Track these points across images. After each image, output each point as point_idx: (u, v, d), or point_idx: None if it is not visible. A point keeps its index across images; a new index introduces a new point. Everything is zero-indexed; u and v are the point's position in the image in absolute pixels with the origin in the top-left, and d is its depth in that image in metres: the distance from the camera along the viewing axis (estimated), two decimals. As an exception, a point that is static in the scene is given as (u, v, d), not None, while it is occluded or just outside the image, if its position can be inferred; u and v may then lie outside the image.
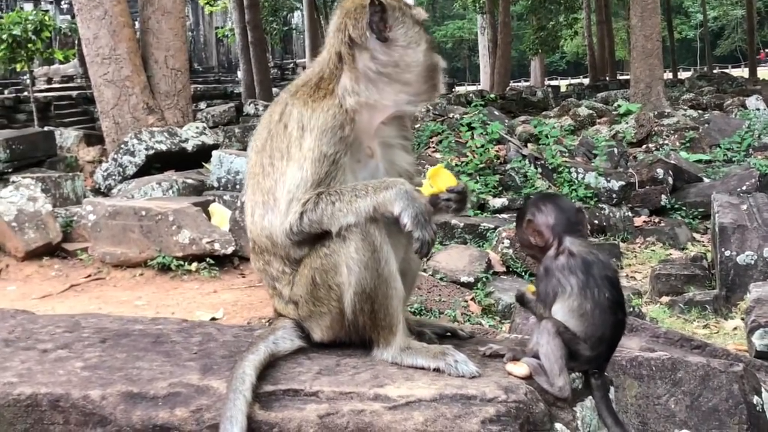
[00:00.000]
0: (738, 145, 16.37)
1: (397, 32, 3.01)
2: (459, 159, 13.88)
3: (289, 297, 3.02)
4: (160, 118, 16.18)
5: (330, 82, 3.03)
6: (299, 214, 2.89)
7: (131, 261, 9.39)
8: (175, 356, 2.90)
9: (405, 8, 3.06)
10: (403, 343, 2.91)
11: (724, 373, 3.96)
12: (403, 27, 3.02)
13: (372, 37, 2.99)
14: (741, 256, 9.35)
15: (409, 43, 3.02)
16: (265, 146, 3.06)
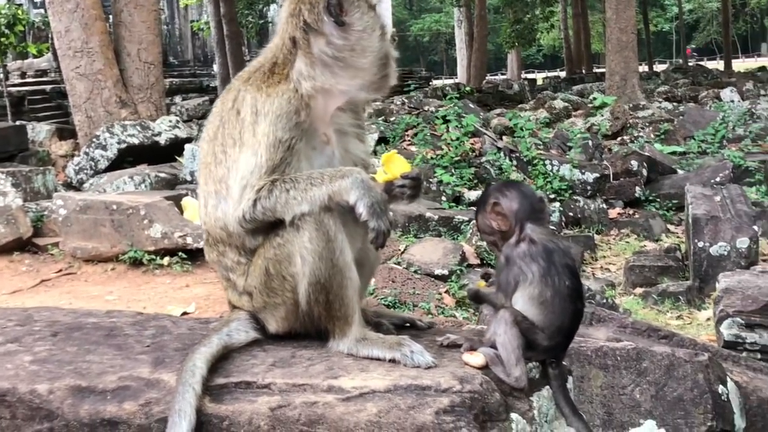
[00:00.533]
0: (712, 137, 16.43)
1: (353, 17, 2.97)
2: (434, 152, 13.86)
3: (244, 288, 2.97)
4: (133, 111, 16.06)
5: (284, 68, 2.99)
6: (253, 201, 2.84)
7: (102, 255, 9.33)
8: (127, 349, 2.85)
9: None
10: (358, 333, 2.87)
11: (689, 362, 3.95)
12: (358, 11, 2.98)
13: (329, 22, 2.95)
14: (714, 247, 9.39)
15: (365, 28, 2.98)
16: (216, 134, 3.00)
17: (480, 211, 3.02)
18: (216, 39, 31.97)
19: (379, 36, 3.01)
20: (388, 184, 2.99)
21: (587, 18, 50.22)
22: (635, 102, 21.11)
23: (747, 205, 10.46)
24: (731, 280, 5.69)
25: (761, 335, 5.37)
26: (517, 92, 31.05)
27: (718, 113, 18.38)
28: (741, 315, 5.37)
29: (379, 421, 2.41)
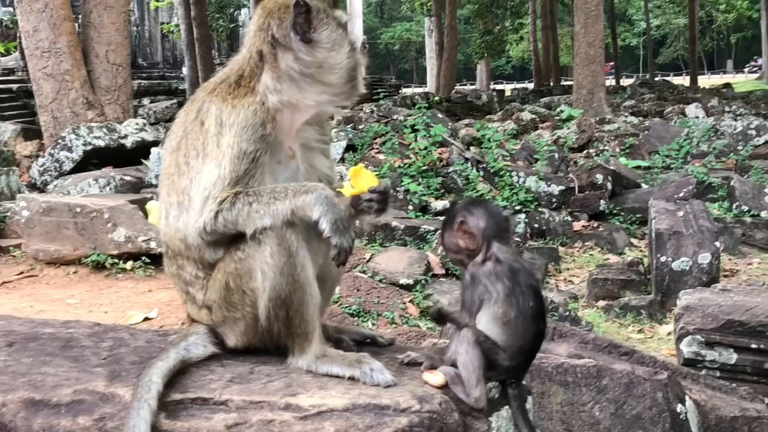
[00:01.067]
0: (676, 153, 16.55)
1: (321, 34, 2.96)
2: (402, 161, 13.87)
3: (203, 302, 2.94)
4: (100, 113, 15.94)
5: (251, 80, 2.97)
6: (214, 213, 2.82)
7: (65, 258, 9.24)
8: (83, 362, 2.81)
9: (329, 10, 3.02)
10: (318, 350, 2.86)
11: (648, 381, 3.97)
12: (327, 28, 2.97)
13: (296, 38, 2.94)
14: (676, 262, 9.45)
15: (333, 45, 2.97)
16: (179, 145, 2.98)
17: (446, 229, 3.00)
18: (186, 42, 31.83)
19: (347, 52, 3.00)
20: (355, 198, 2.98)
21: (556, 31, 50.62)
22: (602, 116, 21.25)
23: (709, 221, 10.54)
24: (692, 297, 5.73)
25: (721, 353, 5.41)
26: (486, 103, 31.17)
27: (683, 129, 18.55)
28: (701, 333, 5.41)
29: (336, 441, 2.40)
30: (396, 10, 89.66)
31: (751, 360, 5.42)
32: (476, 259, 2.91)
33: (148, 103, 28.00)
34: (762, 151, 16.99)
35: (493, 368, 2.79)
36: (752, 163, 15.61)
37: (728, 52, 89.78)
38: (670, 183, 14.11)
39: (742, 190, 13.37)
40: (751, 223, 12.36)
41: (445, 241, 3.03)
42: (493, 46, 47.54)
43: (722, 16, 75.22)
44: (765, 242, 12.10)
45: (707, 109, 24.21)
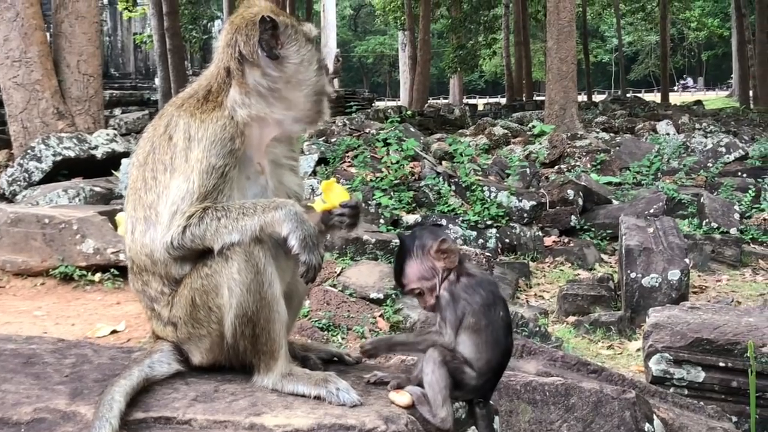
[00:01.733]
0: (647, 169, 16.67)
1: (289, 50, 2.96)
2: (374, 174, 13.85)
3: (168, 318, 2.91)
4: (71, 123, 15.81)
5: (219, 95, 2.95)
6: (182, 228, 2.79)
7: (33, 270, 9.14)
8: (45, 379, 2.76)
9: (297, 25, 3.00)
10: (284, 369, 2.83)
11: (616, 399, 3.97)
12: (295, 44, 2.96)
13: (262, 55, 2.93)
14: (646, 278, 9.50)
15: (300, 61, 2.97)
16: (147, 160, 2.95)
17: (416, 257, 2.93)
18: (158, 52, 31.75)
19: (315, 69, 2.99)
20: (326, 213, 2.96)
21: (529, 46, 50.88)
22: (573, 131, 21.36)
23: (679, 237, 10.61)
24: (661, 315, 5.74)
25: (689, 371, 5.42)
26: (458, 117, 31.25)
27: (654, 145, 18.70)
28: (669, 351, 5.42)
29: (300, 461, 2.37)
30: (370, 23, 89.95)
31: (719, 378, 5.43)
32: (450, 278, 2.90)
33: (120, 113, 27.89)
34: (732, 169, 17.15)
35: (460, 388, 2.77)
36: (722, 180, 15.75)
37: (699, 69, 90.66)
38: (640, 199, 14.20)
39: (711, 207, 13.49)
40: (721, 240, 12.46)
41: (412, 273, 2.94)
42: (466, 61, 47.74)
43: (693, 33, 76.04)
44: (734, 259, 12.19)
45: (678, 125, 24.40)
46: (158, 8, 30.99)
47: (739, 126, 27.58)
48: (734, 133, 23.98)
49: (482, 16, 48.90)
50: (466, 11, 48.50)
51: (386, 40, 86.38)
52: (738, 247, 12.36)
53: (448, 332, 2.83)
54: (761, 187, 15.42)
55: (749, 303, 10.01)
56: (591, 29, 70.49)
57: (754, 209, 14.39)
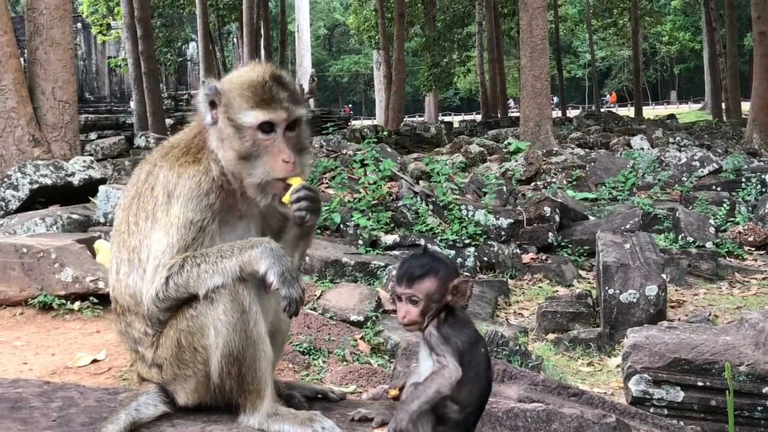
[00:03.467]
0: (622, 184, 16.78)
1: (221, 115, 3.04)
2: (352, 195, 13.89)
3: (153, 360, 2.94)
4: (47, 150, 15.78)
5: (198, 150, 3.00)
6: (165, 279, 2.83)
7: (11, 300, 9.09)
8: (33, 424, 2.77)
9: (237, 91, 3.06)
10: (270, 408, 2.86)
11: (597, 424, 4.01)
12: (227, 112, 3.03)
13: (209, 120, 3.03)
14: (624, 294, 9.57)
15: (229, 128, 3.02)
16: (131, 204, 3.00)
17: (436, 276, 2.90)
18: (133, 76, 31.72)
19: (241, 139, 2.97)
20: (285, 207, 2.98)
21: (503, 63, 51.17)
22: (548, 148, 21.47)
23: (655, 252, 10.70)
24: (639, 335, 5.80)
25: (668, 391, 5.48)
26: (434, 135, 31.37)
27: (629, 161, 18.82)
28: (648, 371, 5.48)
29: (288, 503, 2.39)
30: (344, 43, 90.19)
31: (698, 398, 5.50)
32: (441, 316, 2.90)
33: (95, 138, 27.76)
34: (706, 182, 17.30)
35: (443, 423, 2.80)
36: (697, 194, 15.89)
37: (672, 83, 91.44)
38: (616, 215, 14.30)
39: (687, 222, 13.61)
40: (697, 254, 12.56)
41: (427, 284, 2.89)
42: (440, 79, 47.97)
43: (665, 48, 76.72)
44: (710, 273, 12.30)
45: (652, 140, 24.57)
46: (132, 31, 30.96)
47: (713, 139, 27.81)
48: (708, 146, 24.19)
49: (456, 34, 49.19)
50: (439, 29, 48.76)
51: (361, 59, 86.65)
52: (714, 260, 12.48)
53: (451, 361, 2.80)
54: (735, 200, 15.58)
55: (726, 316, 10.11)
56: (564, 45, 70.97)
57: (729, 222, 14.53)
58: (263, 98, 2.93)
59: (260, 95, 2.93)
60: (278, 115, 2.92)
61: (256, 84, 2.95)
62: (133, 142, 25.72)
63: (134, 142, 25.66)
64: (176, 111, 37.99)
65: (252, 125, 2.92)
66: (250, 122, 2.92)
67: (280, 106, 2.93)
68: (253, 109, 2.92)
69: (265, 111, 2.92)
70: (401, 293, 2.87)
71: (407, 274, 2.90)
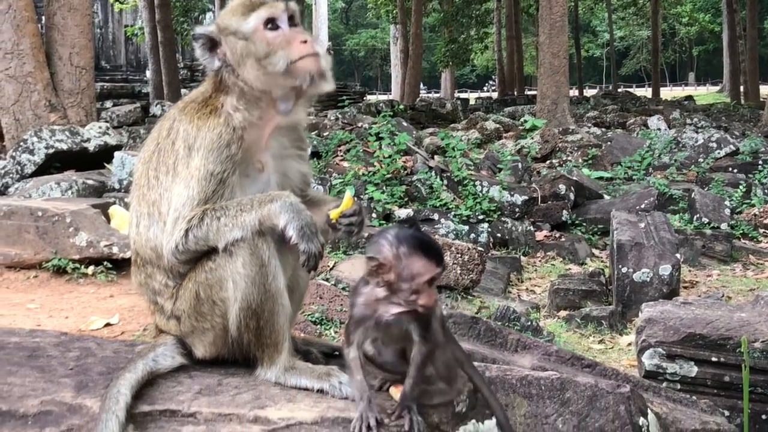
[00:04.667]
0: (638, 164, 16.70)
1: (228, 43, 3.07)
2: (366, 168, 13.87)
3: (171, 312, 2.93)
4: (63, 116, 15.80)
5: (216, 100, 2.99)
6: (184, 232, 2.83)
7: (25, 262, 9.14)
8: (50, 372, 2.78)
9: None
10: (287, 362, 2.86)
11: (611, 394, 3.99)
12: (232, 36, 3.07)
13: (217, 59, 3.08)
14: (637, 273, 9.54)
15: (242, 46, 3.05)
16: (151, 158, 2.99)
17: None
18: (150, 45, 31.65)
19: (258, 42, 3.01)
20: (332, 222, 3.01)
21: (521, 41, 50.90)
22: (565, 126, 21.39)
23: (670, 232, 10.66)
24: (654, 310, 5.78)
25: (681, 366, 5.46)
26: (450, 111, 31.24)
27: (645, 141, 18.74)
28: (662, 345, 5.45)
29: (304, 454, 2.40)
30: (362, 17, 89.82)
31: (711, 373, 5.47)
32: None
33: (111, 106, 27.77)
34: (722, 164, 17.20)
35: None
36: (713, 176, 15.79)
37: (690, 65, 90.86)
38: (631, 194, 14.24)
39: (702, 203, 13.54)
40: (711, 235, 12.50)
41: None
42: (457, 55, 47.72)
43: (685, 29, 76.14)
44: (724, 254, 12.25)
45: (669, 120, 24.45)
46: (150, 0, 30.89)
47: (730, 121, 27.65)
48: (725, 128, 24.04)
49: (474, 10, 48.85)
50: (458, 5, 48.44)
51: (378, 33, 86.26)
52: (728, 242, 12.42)
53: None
54: (752, 182, 15.49)
55: (739, 298, 10.07)
56: (583, 24, 70.62)
57: (745, 204, 14.46)
58: (255, 2, 3.02)
59: (252, 1, 3.04)
60: (276, 8, 3.00)
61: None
62: (149, 110, 25.72)
63: (150, 110, 25.66)
64: (192, 81, 37.89)
65: (257, 26, 2.98)
66: (254, 24, 2.98)
67: (274, 2, 3.02)
68: (251, 13, 3.00)
69: (262, 9, 3.00)
70: (437, 274, 2.70)
71: (437, 252, 2.73)
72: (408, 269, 2.58)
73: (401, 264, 2.58)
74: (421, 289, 2.61)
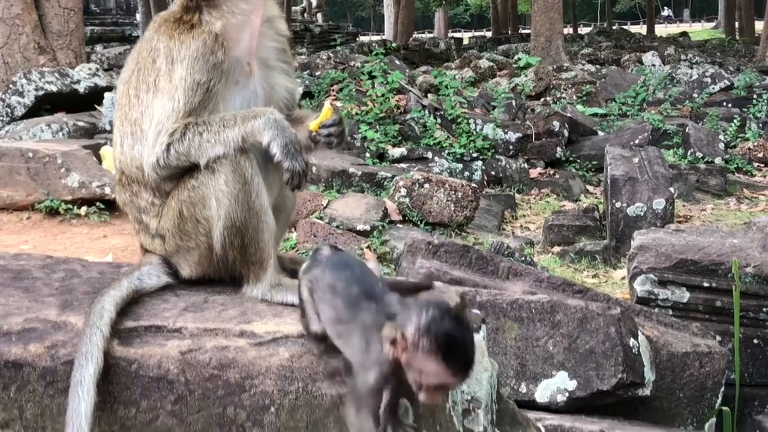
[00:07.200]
0: (633, 100, 16.65)
1: None
2: (359, 107, 13.78)
3: (156, 231, 2.91)
4: (52, 58, 15.66)
5: (193, 14, 2.92)
6: (166, 146, 2.79)
7: (18, 204, 9.15)
8: (35, 292, 2.76)
9: None
10: (273, 279, 2.84)
11: (601, 315, 4.02)
12: None
13: None
14: (631, 207, 9.56)
15: None
16: (131, 78, 2.93)
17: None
18: (139, -13, 31.31)
19: None
20: (311, 133, 2.97)
21: (514, -22, 50.40)
22: (559, 63, 21.27)
23: (664, 167, 10.65)
24: (646, 237, 5.78)
25: (673, 292, 5.47)
26: (444, 51, 30.98)
27: (640, 77, 18.66)
28: (654, 272, 5.46)
29: (291, 366, 2.40)
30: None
31: (703, 298, 5.49)
32: None
33: (101, 49, 27.50)
34: (717, 99, 17.15)
35: None
36: (707, 111, 15.77)
37: (685, 1, 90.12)
38: (626, 130, 14.22)
39: (696, 137, 13.52)
40: (705, 169, 12.52)
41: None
42: (451, -6, 47.35)
43: (679, -35, 75.43)
44: (718, 188, 12.27)
45: (663, 57, 24.32)
46: (139, -59, 30.51)
47: (725, 57, 27.53)
48: (720, 63, 23.93)
49: (468, -52, 48.37)
50: (451, -57, 47.98)
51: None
52: (722, 176, 12.44)
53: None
54: (746, 116, 15.47)
55: (733, 232, 10.10)
56: (577, -39, 69.82)
57: (739, 139, 14.46)
58: None
59: None
60: None
61: None
62: (140, 53, 25.43)
63: (140, 53, 25.37)
64: (183, 25, 37.41)
65: None
66: None
67: None
68: None
69: None
70: (452, 385, 2.37)
71: (465, 362, 2.31)
72: (421, 365, 2.24)
73: (416, 355, 2.23)
74: (427, 389, 2.27)
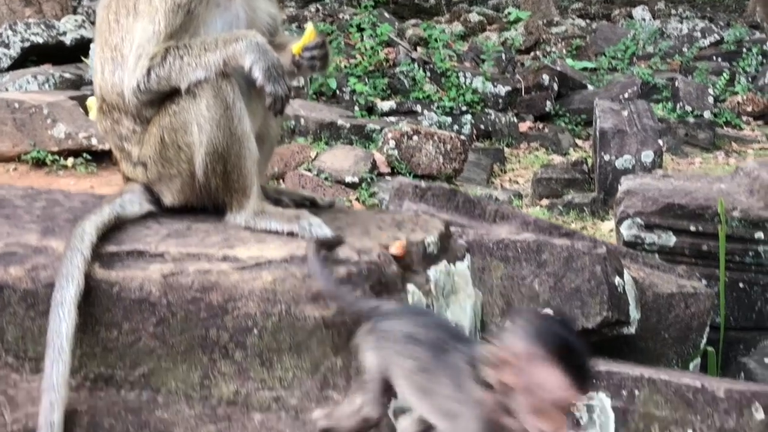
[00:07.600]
0: (622, 54, 16.56)
1: None
2: (348, 61, 13.70)
3: (138, 158, 2.87)
4: (38, 10, 15.52)
5: None
6: (146, 70, 2.74)
7: (4, 155, 9.10)
8: (16, 219, 2.76)
9: None
10: (257, 206, 2.82)
11: (587, 254, 4.02)
12: None
13: None
14: (620, 160, 9.56)
15: None
16: (110, 2, 2.88)
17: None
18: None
19: None
20: (295, 57, 2.93)
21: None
22: (549, 18, 21.13)
23: (653, 120, 10.63)
24: (633, 182, 5.78)
25: (660, 236, 5.46)
26: (433, 5, 30.71)
27: (630, 31, 18.56)
28: (641, 216, 5.45)
29: (274, 289, 2.40)
30: None
31: (689, 242, 5.49)
32: None
33: (88, 2, 27.21)
34: (707, 53, 17.06)
35: None
36: (697, 65, 15.69)
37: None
38: (615, 84, 14.17)
39: (686, 91, 13.48)
40: (694, 123, 12.51)
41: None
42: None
43: None
44: (707, 142, 12.26)
45: (654, 11, 24.19)
46: None
47: (715, 12, 27.40)
48: (710, 18, 23.83)
49: None
50: None
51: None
52: (711, 130, 12.43)
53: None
54: (735, 70, 15.41)
55: (721, 184, 10.12)
56: None
57: (728, 93, 14.41)
58: None
59: None
60: None
61: None
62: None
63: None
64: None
65: None
66: None
67: None
68: None
69: None
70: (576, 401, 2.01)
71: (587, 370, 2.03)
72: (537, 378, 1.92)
73: (530, 368, 1.92)
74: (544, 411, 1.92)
